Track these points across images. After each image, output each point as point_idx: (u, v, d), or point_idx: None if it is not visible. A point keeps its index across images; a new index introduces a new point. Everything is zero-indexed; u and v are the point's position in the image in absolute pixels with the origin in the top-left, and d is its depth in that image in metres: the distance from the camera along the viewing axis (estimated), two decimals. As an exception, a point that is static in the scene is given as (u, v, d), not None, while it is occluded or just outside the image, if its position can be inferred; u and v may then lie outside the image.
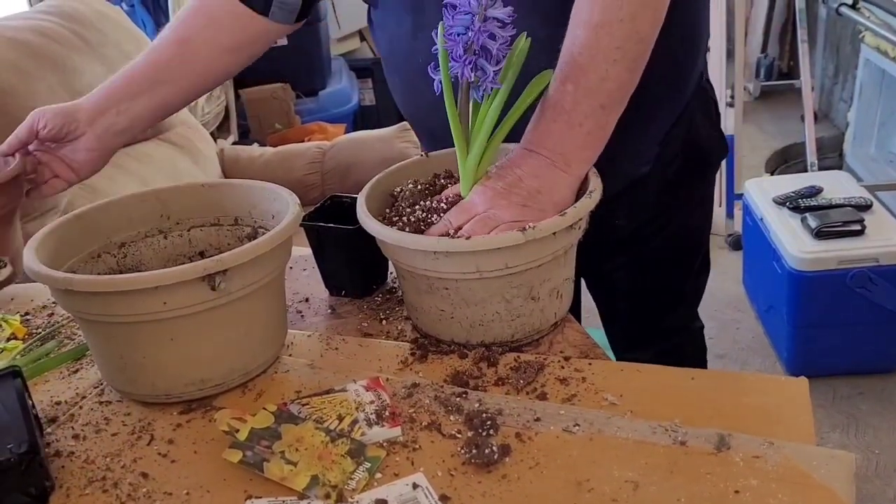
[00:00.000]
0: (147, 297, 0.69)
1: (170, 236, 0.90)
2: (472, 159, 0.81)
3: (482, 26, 0.74)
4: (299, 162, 2.07)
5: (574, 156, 0.81)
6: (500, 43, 0.76)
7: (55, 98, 1.55)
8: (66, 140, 0.97)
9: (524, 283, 0.79)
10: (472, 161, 0.81)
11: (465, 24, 0.75)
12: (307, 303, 0.97)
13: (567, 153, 0.81)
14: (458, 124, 0.80)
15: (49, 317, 0.97)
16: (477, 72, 0.77)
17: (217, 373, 0.77)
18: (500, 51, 0.76)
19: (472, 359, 0.81)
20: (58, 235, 0.81)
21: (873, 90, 2.98)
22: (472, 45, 0.75)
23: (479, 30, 0.74)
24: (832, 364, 2.01)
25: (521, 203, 0.79)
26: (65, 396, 0.81)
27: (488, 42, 0.75)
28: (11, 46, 1.54)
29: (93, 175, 1.00)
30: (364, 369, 0.80)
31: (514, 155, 0.83)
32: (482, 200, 0.80)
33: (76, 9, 1.77)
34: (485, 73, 0.77)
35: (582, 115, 0.80)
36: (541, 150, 0.81)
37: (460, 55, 0.76)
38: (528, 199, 0.79)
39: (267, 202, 0.87)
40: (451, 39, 0.76)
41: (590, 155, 0.83)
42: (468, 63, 0.76)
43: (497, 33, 0.75)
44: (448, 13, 0.76)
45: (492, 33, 0.75)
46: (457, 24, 0.75)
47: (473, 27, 0.74)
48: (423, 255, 0.77)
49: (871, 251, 1.87)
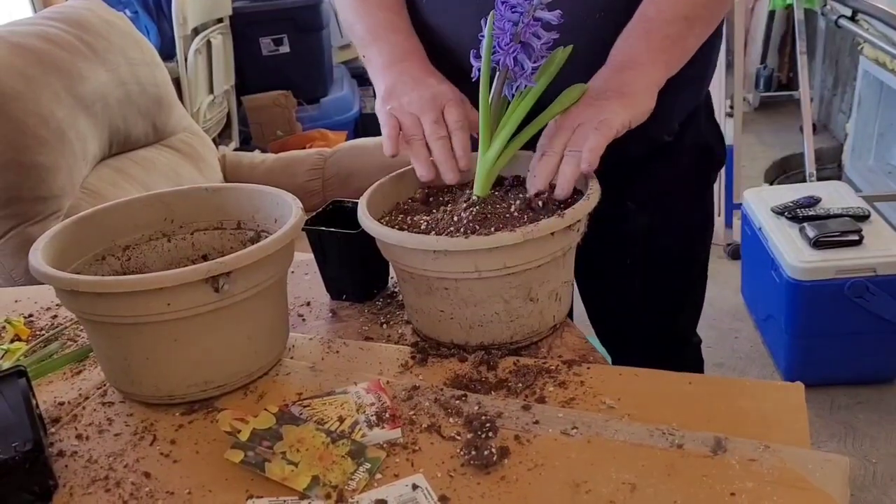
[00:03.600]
0: (151, 299, 0.70)
1: (173, 239, 0.91)
2: (493, 152, 0.82)
3: (531, 21, 0.78)
4: (301, 168, 2.08)
5: (646, 57, 0.85)
6: (543, 42, 0.80)
7: (59, 104, 1.57)
8: None
9: (523, 283, 0.80)
10: (491, 154, 0.82)
11: (514, 20, 0.78)
12: (309, 306, 0.97)
13: (640, 54, 0.85)
14: (487, 114, 0.82)
15: (53, 318, 0.98)
16: (516, 66, 0.79)
17: (219, 374, 0.77)
18: (541, 50, 0.80)
19: (472, 362, 0.81)
20: (63, 237, 0.82)
21: (872, 102, 3.00)
22: (518, 37, 0.78)
23: (527, 24, 0.78)
24: (830, 374, 2.02)
25: (589, 103, 0.82)
26: (68, 397, 0.82)
27: (532, 39, 0.79)
28: (17, 52, 1.55)
29: None
30: (365, 372, 0.81)
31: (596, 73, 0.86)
32: (559, 117, 0.83)
33: (82, 15, 1.78)
34: (523, 68, 0.80)
35: (663, 21, 0.85)
36: (614, 61, 0.85)
37: (506, 43, 0.79)
38: (595, 98, 0.83)
39: (270, 206, 0.88)
40: (500, 28, 0.79)
41: (665, 59, 0.86)
42: (512, 52, 0.79)
43: (542, 34, 0.79)
44: (500, 6, 0.79)
45: (537, 32, 0.79)
46: (507, 17, 0.79)
47: (523, 21, 0.78)
48: (423, 255, 0.78)
49: (869, 261, 1.88)
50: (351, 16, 0.97)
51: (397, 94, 0.87)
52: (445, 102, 0.85)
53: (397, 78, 0.89)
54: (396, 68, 0.90)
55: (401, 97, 0.87)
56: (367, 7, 0.96)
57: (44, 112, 1.51)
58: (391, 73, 0.90)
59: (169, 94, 1.96)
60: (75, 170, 1.59)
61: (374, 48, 0.93)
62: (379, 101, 0.89)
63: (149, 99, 1.86)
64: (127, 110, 1.79)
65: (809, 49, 2.88)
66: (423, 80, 0.88)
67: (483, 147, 0.83)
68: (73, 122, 1.59)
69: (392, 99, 0.87)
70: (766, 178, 3.25)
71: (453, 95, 0.86)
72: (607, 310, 1.20)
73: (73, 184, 1.58)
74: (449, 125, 0.84)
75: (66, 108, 1.58)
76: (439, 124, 0.84)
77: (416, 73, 0.89)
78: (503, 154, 0.83)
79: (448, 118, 0.84)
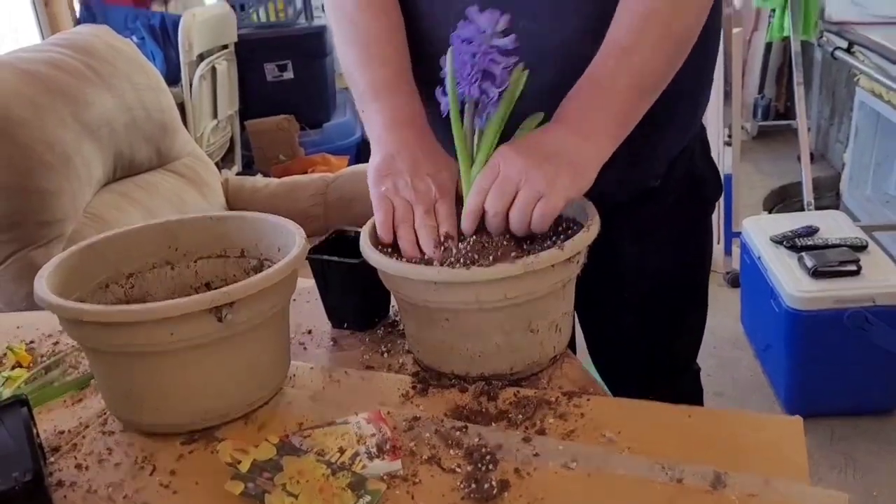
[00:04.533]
0: (155, 328, 0.71)
1: (177, 267, 0.92)
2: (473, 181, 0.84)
3: (487, 51, 0.79)
4: (303, 193, 2.09)
5: (602, 127, 0.83)
6: (503, 67, 0.80)
7: (66, 129, 1.58)
8: None
9: (523, 315, 0.81)
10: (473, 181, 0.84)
11: (471, 51, 0.79)
12: (310, 335, 0.98)
13: (595, 123, 0.83)
14: (464, 147, 0.83)
15: (54, 345, 0.99)
16: (482, 95, 0.80)
17: (221, 404, 0.78)
18: (502, 75, 0.81)
19: (473, 393, 0.82)
20: (68, 265, 0.82)
21: (868, 132, 3.02)
22: (477, 67, 0.79)
23: (484, 53, 0.79)
24: (830, 404, 2.01)
25: (537, 163, 0.80)
26: (68, 425, 0.82)
27: (493, 66, 0.80)
28: (24, 79, 1.57)
29: None
30: (366, 402, 0.81)
31: (543, 127, 0.85)
32: (502, 158, 0.81)
33: (89, 42, 1.80)
34: (489, 95, 0.81)
35: (616, 92, 0.84)
36: (569, 120, 0.83)
37: (467, 74, 0.80)
38: (544, 160, 0.80)
39: (273, 235, 0.89)
40: (459, 62, 0.80)
41: (618, 132, 0.85)
42: (474, 81, 0.80)
43: (500, 59, 0.80)
44: (456, 40, 0.80)
45: (495, 59, 0.80)
46: (464, 51, 0.80)
47: (480, 52, 0.79)
48: (424, 286, 0.79)
49: (868, 291, 1.89)
50: (353, 68, 0.95)
51: (393, 172, 0.86)
52: (439, 197, 0.84)
53: (396, 149, 0.87)
54: (395, 135, 0.88)
55: (396, 178, 0.85)
56: (370, 61, 0.94)
57: (50, 138, 1.53)
58: (390, 141, 0.88)
59: (173, 119, 1.98)
60: (79, 194, 1.60)
61: (374, 107, 0.91)
62: (373, 170, 0.87)
63: (153, 124, 1.88)
64: (132, 135, 1.81)
65: (806, 80, 2.90)
66: (420, 162, 0.86)
67: (465, 178, 0.84)
68: (79, 148, 1.61)
69: (388, 176, 0.86)
70: (764, 207, 3.26)
71: (448, 186, 0.85)
72: (605, 339, 1.20)
73: (76, 208, 1.58)
74: (438, 216, 0.84)
75: (72, 134, 1.59)
76: (429, 215, 0.83)
77: (413, 148, 0.87)
78: None
79: (439, 210, 0.84)
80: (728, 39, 2.72)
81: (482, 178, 0.82)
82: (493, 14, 0.78)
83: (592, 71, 0.85)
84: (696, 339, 1.22)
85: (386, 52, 0.94)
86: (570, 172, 0.80)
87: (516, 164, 0.80)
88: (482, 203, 0.81)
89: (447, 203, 0.85)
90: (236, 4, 3.27)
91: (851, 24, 2.93)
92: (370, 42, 0.94)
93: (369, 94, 0.92)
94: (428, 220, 0.83)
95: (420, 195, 0.84)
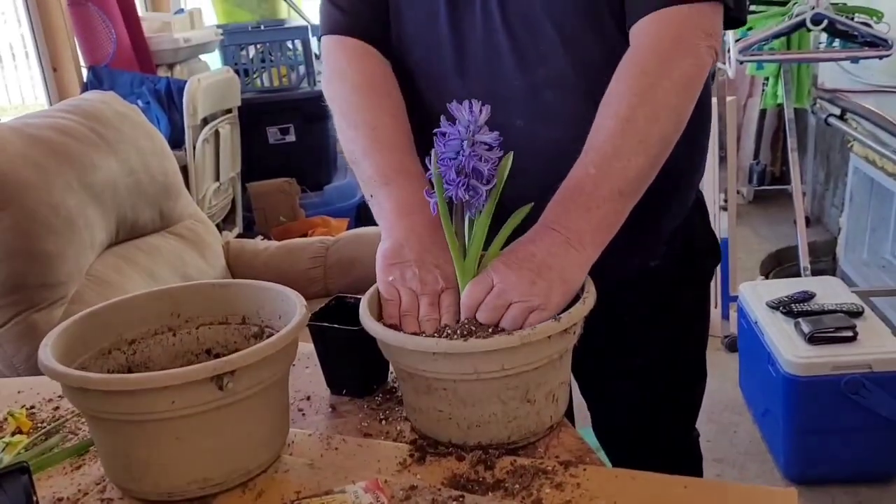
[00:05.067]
0: (156, 396, 0.72)
1: (179, 333, 0.93)
2: (468, 273, 0.85)
3: (472, 150, 0.80)
4: (303, 256, 2.11)
5: (588, 237, 0.85)
6: (490, 164, 0.81)
7: (71, 193, 1.61)
8: None
9: (520, 385, 0.82)
10: (467, 273, 0.85)
11: (455, 150, 0.80)
12: (309, 401, 0.99)
13: (582, 233, 0.85)
14: (454, 242, 0.85)
15: (54, 410, 0.99)
16: (469, 192, 0.82)
17: (219, 472, 0.78)
18: (490, 171, 0.81)
19: (470, 461, 0.82)
20: (71, 332, 0.83)
21: (863, 197, 3.07)
22: (463, 169, 0.80)
23: (469, 154, 0.80)
24: (829, 471, 2.00)
25: (531, 280, 0.82)
26: (67, 492, 0.82)
27: (478, 164, 0.81)
28: (32, 143, 1.61)
29: None
30: (363, 470, 0.81)
31: (531, 232, 0.86)
32: (496, 274, 0.83)
33: (96, 108, 1.85)
34: (477, 192, 0.82)
35: (601, 199, 0.85)
36: (558, 228, 0.85)
37: (453, 179, 0.81)
38: (538, 275, 0.82)
39: (274, 302, 0.90)
40: (444, 164, 0.81)
41: (603, 238, 0.86)
42: (461, 185, 0.81)
43: (485, 156, 0.81)
44: (440, 141, 0.81)
45: (481, 156, 0.80)
46: (448, 151, 0.81)
47: (464, 152, 0.80)
48: (423, 356, 0.80)
49: (864, 358, 1.89)
50: (359, 154, 0.95)
51: (401, 262, 0.87)
52: (444, 287, 0.86)
53: (405, 237, 0.88)
54: (405, 223, 0.89)
55: (404, 268, 0.87)
56: (380, 146, 0.94)
57: (55, 201, 1.56)
58: (399, 228, 0.89)
59: (176, 182, 2.01)
60: (82, 257, 1.62)
61: (384, 193, 0.92)
62: (381, 257, 0.89)
63: (157, 187, 1.91)
64: (135, 198, 1.83)
65: (801, 145, 2.96)
66: (428, 252, 0.87)
67: (459, 270, 0.85)
68: (83, 211, 1.63)
69: (396, 265, 0.87)
70: (761, 270, 3.28)
71: (454, 277, 0.86)
72: (605, 408, 1.20)
73: (79, 271, 1.60)
74: (442, 307, 0.86)
75: (76, 197, 1.62)
76: (434, 308, 0.85)
77: (422, 237, 0.88)
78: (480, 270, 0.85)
79: (443, 301, 0.86)
80: (723, 106, 2.78)
81: (476, 288, 0.83)
82: (475, 105, 0.80)
83: (575, 176, 0.87)
84: (695, 406, 1.23)
85: (392, 137, 0.95)
86: (561, 286, 0.83)
87: (509, 279, 0.82)
88: (475, 311, 0.83)
89: (451, 294, 0.86)
90: (240, 70, 3.35)
91: (844, 92, 3.00)
92: (376, 126, 0.95)
93: (378, 179, 0.93)
94: (432, 312, 0.85)
95: (426, 287, 0.86)
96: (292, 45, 3.43)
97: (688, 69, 0.89)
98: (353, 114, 0.97)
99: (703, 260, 1.14)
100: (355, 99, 0.98)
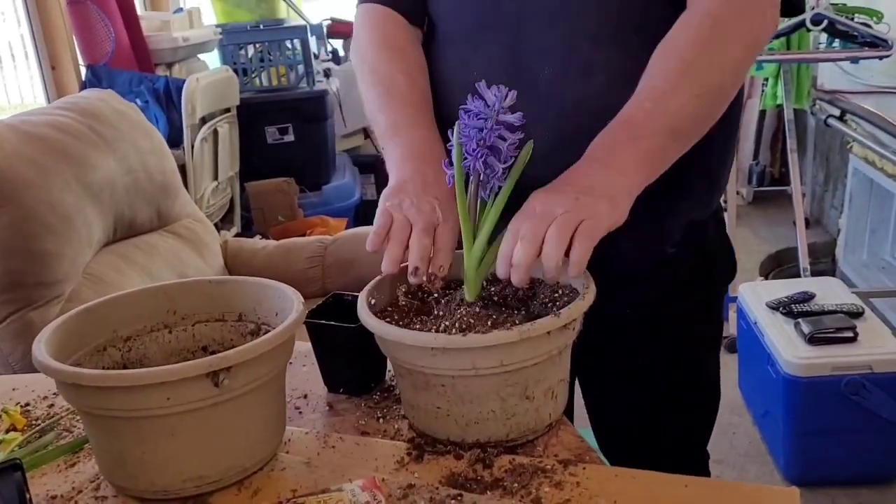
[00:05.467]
0: (152, 393, 0.71)
1: (174, 330, 0.92)
2: (475, 255, 0.84)
3: (494, 125, 0.81)
4: (301, 256, 2.10)
5: (633, 165, 0.83)
6: (509, 144, 0.82)
7: (69, 191, 1.60)
8: None
9: (519, 381, 0.81)
10: (474, 256, 0.84)
11: (478, 126, 0.81)
12: (306, 399, 0.98)
13: (624, 160, 0.83)
14: (467, 219, 0.84)
15: (49, 408, 0.98)
16: (487, 169, 0.82)
17: (215, 469, 0.77)
18: (508, 150, 0.82)
19: (468, 460, 0.81)
20: (66, 328, 0.83)
21: (863, 198, 3.06)
22: (484, 142, 0.81)
23: (491, 128, 0.81)
24: (829, 473, 1.99)
25: (574, 196, 0.80)
26: (61, 490, 0.81)
27: (499, 142, 0.81)
28: (30, 141, 1.60)
29: None
30: (360, 468, 0.81)
31: (573, 166, 0.85)
32: (537, 201, 0.82)
33: (94, 105, 1.84)
34: (494, 170, 0.82)
35: (650, 131, 0.84)
36: (596, 156, 0.84)
37: (473, 149, 0.81)
38: (580, 192, 0.80)
39: (272, 300, 0.89)
40: (466, 136, 0.82)
41: (648, 170, 0.85)
42: (480, 157, 0.81)
43: (507, 136, 0.82)
44: (464, 115, 0.82)
45: (502, 134, 0.81)
46: (472, 125, 0.81)
47: (487, 126, 0.81)
48: (421, 352, 0.79)
49: (864, 358, 1.89)
50: (375, 108, 0.99)
51: (402, 194, 0.88)
52: (441, 221, 0.85)
53: (409, 175, 0.90)
54: (411, 165, 0.91)
55: (403, 198, 0.87)
56: (392, 101, 0.98)
57: (53, 200, 1.55)
58: (405, 169, 0.91)
59: (175, 181, 2.01)
60: (79, 256, 1.61)
61: (393, 142, 0.95)
62: (385, 190, 0.90)
63: (155, 186, 1.90)
64: (133, 197, 1.83)
65: (800, 146, 2.95)
66: (430, 186, 0.89)
67: (467, 251, 0.85)
68: (81, 209, 1.62)
69: (395, 195, 0.88)
70: (761, 271, 3.28)
71: (455, 214, 0.85)
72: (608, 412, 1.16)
73: (76, 269, 1.59)
74: (437, 240, 0.84)
75: (74, 196, 1.61)
76: (426, 234, 0.83)
77: (428, 177, 0.89)
78: (486, 255, 0.85)
79: (439, 234, 0.84)
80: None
81: (518, 220, 0.81)
82: (501, 90, 0.81)
83: (626, 112, 0.86)
84: (704, 424, 1.17)
85: (406, 93, 0.98)
86: (607, 202, 0.80)
87: (552, 200, 0.81)
88: (515, 243, 0.80)
89: (448, 228, 0.85)
90: (239, 69, 3.34)
91: (843, 93, 3.00)
92: (391, 84, 0.99)
93: (389, 131, 0.96)
94: (424, 238, 0.84)
95: (422, 214, 0.85)
96: (291, 45, 3.42)
97: (755, 29, 0.89)
98: (371, 74, 1.01)
99: (717, 266, 1.10)
100: (374, 59, 1.02)
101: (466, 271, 0.85)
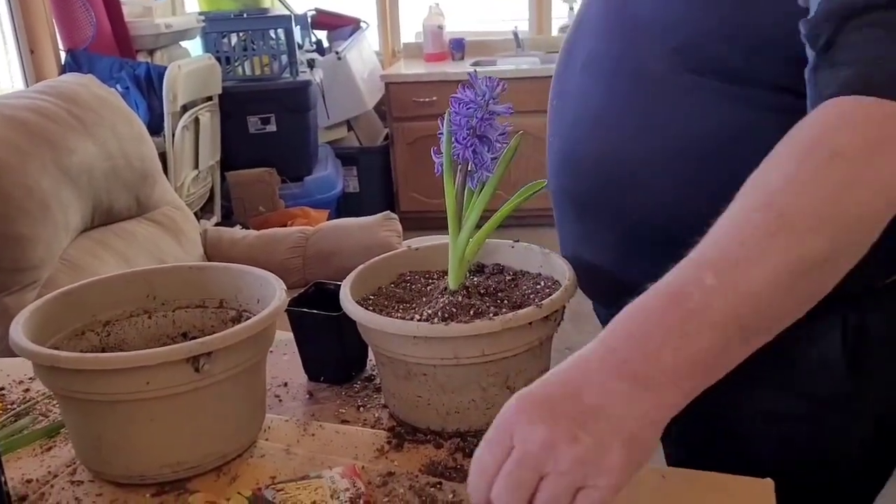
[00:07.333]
0: (130, 377, 0.70)
1: (154, 316, 0.91)
2: (461, 243, 0.85)
3: (485, 114, 0.81)
4: (282, 246, 2.10)
5: (667, 377, 0.54)
6: (499, 133, 0.82)
7: (46, 175, 1.58)
8: None
9: (500, 371, 0.81)
10: (459, 245, 0.85)
11: (468, 115, 0.82)
12: (286, 387, 0.97)
13: (660, 369, 0.54)
14: (454, 206, 0.84)
15: (25, 392, 0.97)
16: (475, 158, 0.82)
17: (193, 455, 0.77)
18: (497, 140, 0.83)
19: (448, 449, 0.82)
20: (44, 311, 0.82)
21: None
22: (473, 131, 0.81)
23: (481, 118, 0.81)
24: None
25: (571, 434, 0.53)
26: (36, 474, 0.80)
27: (489, 131, 0.82)
28: (8, 124, 1.58)
29: None
30: (340, 456, 0.81)
31: (579, 354, 0.57)
32: (515, 427, 0.55)
33: (74, 90, 1.82)
34: (482, 159, 0.82)
35: (707, 322, 0.54)
36: (622, 352, 0.55)
37: (463, 137, 0.82)
38: (581, 424, 0.53)
39: (253, 287, 0.89)
40: (457, 124, 0.82)
41: (688, 384, 0.55)
42: (469, 145, 0.82)
43: (497, 125, 0.82)
44: (455, 104, 0.82)
45: (493, 124, 0.82)
46: (462, 113, 0.82)
47: (477, 115, 0.81)
48: (403, 340, 0.79)
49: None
50: None
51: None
52: None
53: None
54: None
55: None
56: None
57: (30, 183, 1.53)
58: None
59: (154, 168, 1.99)
60: (55, 241, 1.59)
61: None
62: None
63: (134, 173, 1.89)
64: (112, 183, 1.81)
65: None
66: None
67: (452, 240, 0.85)
68: (57, 194, 1.61)
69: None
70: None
71: None
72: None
73: (52, 255, 1.58)
74: None
75: (51, 180, 1.59)
76: None
77: None
78: (471, 244, 0.85)
79: None
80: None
81: (487, 451, 0.56)
82: (492, 80, 0.81)
83: (676, 282, 0.56)
84: None
85: None
86: (621, 447, 0.53)
87: (536, 434, 0.54)
88: (488, 493, 0.56)
89: None
90: (222, 58, 3.31)
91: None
92: None
93: None
94: None
95: None
96: (275, 35, 3.40)
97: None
98: None
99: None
100: None
101: (451, 260, 0.85)
